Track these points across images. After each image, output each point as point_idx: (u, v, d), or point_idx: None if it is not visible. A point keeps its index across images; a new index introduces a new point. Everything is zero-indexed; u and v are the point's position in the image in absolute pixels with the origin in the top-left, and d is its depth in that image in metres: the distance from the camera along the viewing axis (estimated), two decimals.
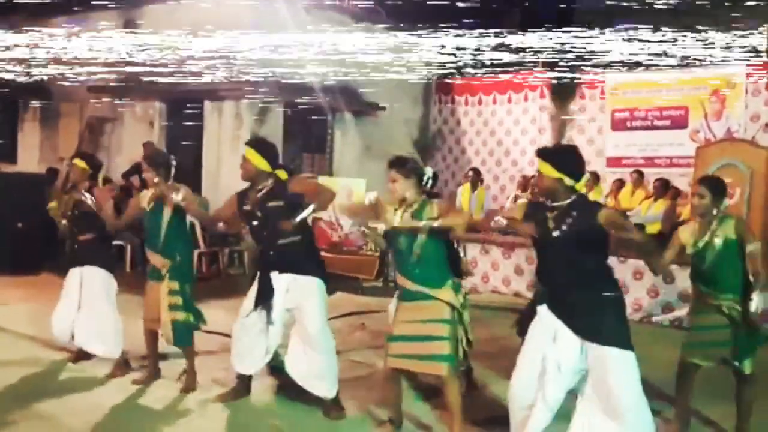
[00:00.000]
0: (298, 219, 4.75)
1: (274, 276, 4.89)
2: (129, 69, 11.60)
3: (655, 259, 4.27)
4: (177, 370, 5.53)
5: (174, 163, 5.41)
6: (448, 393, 4.34)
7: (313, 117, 12.28)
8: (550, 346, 3.85)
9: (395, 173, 4.41)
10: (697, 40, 10.65)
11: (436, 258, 4.37)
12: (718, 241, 4.58)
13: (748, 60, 11.06)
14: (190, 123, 11.79)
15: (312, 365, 4.84)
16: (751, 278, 4.51)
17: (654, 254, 4.27)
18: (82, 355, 5.93)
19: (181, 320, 5.28)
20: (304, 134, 12.42)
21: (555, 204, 3.90)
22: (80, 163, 5.83)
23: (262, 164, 4.87)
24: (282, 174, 4.97)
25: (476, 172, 11.98)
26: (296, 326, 4.95)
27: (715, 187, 4.70)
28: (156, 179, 5.31)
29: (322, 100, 11.83)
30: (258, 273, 5.00)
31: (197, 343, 5.54)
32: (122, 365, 5.71)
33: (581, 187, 3.97)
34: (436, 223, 4.24)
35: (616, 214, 3.97)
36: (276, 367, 5.64)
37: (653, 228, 9.76)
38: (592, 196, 9.26)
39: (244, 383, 5.21)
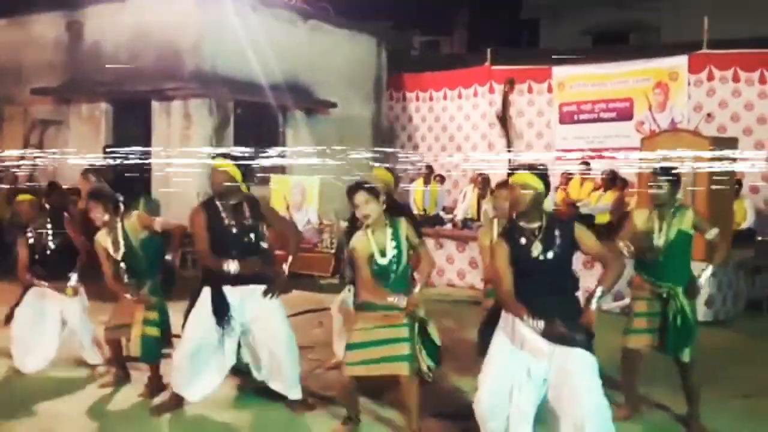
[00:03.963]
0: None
1: (227, 290, 4.77)
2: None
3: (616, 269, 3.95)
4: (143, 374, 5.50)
5: (121, 199, 5.38)
6: (406, 392, 4.34)
7: (264, 115, 12.22)
8: (518, 354, 3.83)
9: (367, 195, 4.30)
10: None
11: (406, 273, 4.46)
12: (672, 232, 4.65)
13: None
14: (138, 124, 11.62)
15: (280, 370, 4.90)
16: (706, 265, 4.74)
17: (616, 266, 3.95)
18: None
19: (153, 336, 5.20)
20: (255, 133, 12.33)
21: (531, 225, 3.84)
22: (26, 197, 5.77)
23: (237, 175, 4.80)
24: (244, 188, 4.94)
25: (428, 168, 12.07)
26: (259, 335, 4.89)
27: (674, 176, 4.73)
28: (106, 217, 5.25)
29: (272, 98, 11.77)
30: (209, 290, 4.79)
31: None
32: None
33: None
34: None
35: (588, 232, 3.92)
36: (238, 368, 5.61)
37: (603, 218, 9.97)
38: None
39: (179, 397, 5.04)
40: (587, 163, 11.50)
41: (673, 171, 4.79)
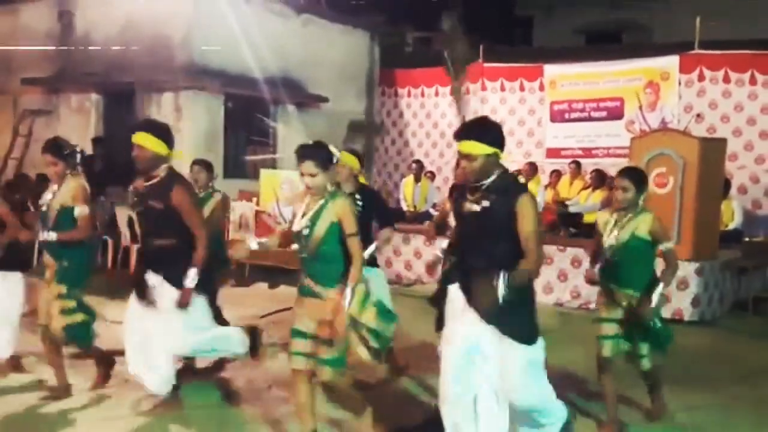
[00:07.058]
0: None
1: (149, 275, 4.58)
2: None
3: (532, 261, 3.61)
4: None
5: (79, 150, 4.98)
6: (337, 395, 4.11)
7: (255, 108, 12.18)
8: (467, 326, 3.64)
9: (313, 167, 3.89)
10: None
11: (331, 256, 3.94)
12: (624, 235, 4.50)
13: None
14: (128, 115, 11.56)
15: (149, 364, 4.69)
16: (659, 275, 4.54)
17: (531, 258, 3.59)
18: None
19: (79, 321, 4.90)
20: (246, 127, 12.30)
21: (481, 183, 3.64)
22: None
23: (159, 147, 4.50)
24: (178, 155, 4.75)
25: (419, 164, 12.07)
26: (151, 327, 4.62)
27: (639, 178, 4.61)
28: (63, 170, 4.84)
29: (264, 92, 11.74)
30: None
31: (113, 342, 5.33)
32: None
33: (504, 157, 3.74)
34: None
35: (531, 211, 3.60)
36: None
37: (591, 217, 10.00)
38: (531, 187, 9.45)
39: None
40: (577, 163, 11.54)
41: (638, 173, 4.70)
